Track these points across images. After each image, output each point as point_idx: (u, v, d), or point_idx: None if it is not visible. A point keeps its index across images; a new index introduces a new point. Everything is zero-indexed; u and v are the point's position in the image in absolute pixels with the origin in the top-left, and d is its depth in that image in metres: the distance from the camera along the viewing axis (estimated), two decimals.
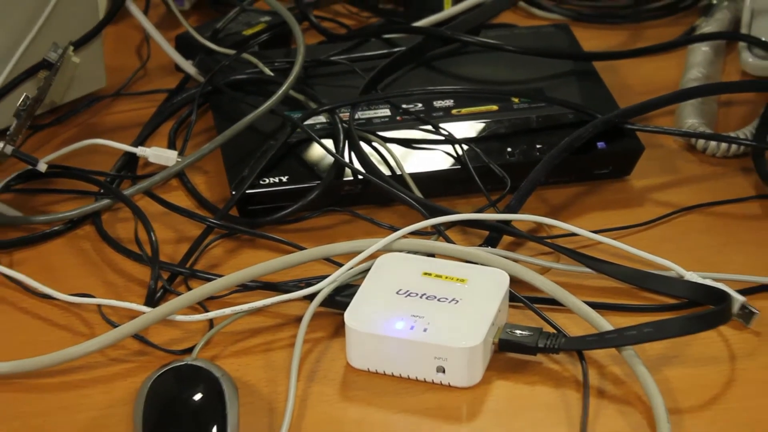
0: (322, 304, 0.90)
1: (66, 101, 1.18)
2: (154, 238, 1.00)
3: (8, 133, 1.06)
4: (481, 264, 0.91)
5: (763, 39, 1.19)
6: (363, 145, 1.04)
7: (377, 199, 1.03)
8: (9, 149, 1.05)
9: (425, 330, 0.83)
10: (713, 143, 1.11)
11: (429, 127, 1.07)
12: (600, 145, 1.04)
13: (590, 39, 1.25)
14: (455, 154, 1.05)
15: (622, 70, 1.22)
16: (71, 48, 1.11)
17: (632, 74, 1.22)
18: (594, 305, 0.89)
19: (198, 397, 0.83)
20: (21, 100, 1.07)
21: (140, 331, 0.90)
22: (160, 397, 0.83)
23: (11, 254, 1.03)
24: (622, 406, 0.83)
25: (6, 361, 0.89)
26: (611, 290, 0.95)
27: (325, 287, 0.90)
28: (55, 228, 1.05)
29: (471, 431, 0.84)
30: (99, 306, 0.94)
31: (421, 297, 0.86)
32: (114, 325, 0.91)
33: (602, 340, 0.85)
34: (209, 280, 0.95)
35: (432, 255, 0.93)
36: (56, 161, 1.10)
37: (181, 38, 1.24)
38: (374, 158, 1.04)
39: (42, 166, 1.05)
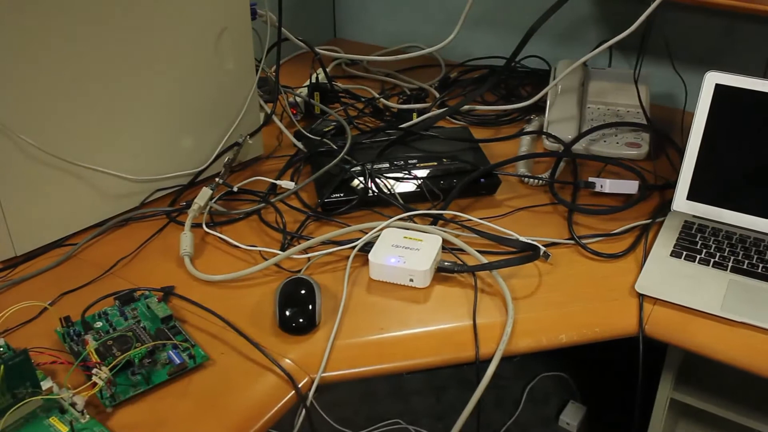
0: (360, 250, 1.00)
1: (245, 160, 1.25)
2: (284, 221, 1.10)
3: (221, 174, 1.15)
4: (428, 233, 0.99)
5: (552, 134, 1.25)
6: (377, 179, 1.13)
7: (383, 203, 1.11)
8: (220, 181, 1.14)
9: (404, 262, 0.94)
10: (532, 180, 1.17)
11: (406, 173, 1.14)
12: (481, 180, 1.12)
13: (477, 133, 1.28)
14: (417, 184, 1.12)
15: (491, 146, 1.27)
16: (248, 137, 1.20)
17: (496, 148, 1.26)
18: (478, 251, 0.99)
19: (303, 290, 0.92)
20: (227, 159, 1.18)
21: (278, 262, 1.01)
22: (286, 290, 0.93)
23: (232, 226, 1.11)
24: (491, 296, 0.93)
25: (220, 274, 1.00)
26: (486, 245, 1.02)
27: (360, 243, 1.00)
28: (240, 216, 1.12)
29: (425, 308, 0.92)
30: (260, 252, 1.04)
31: (402, 247, 0.96)
32: (265, 259, 1.01)
33: (482, 266, 0.96)
34: (307, 239, 1.03)
35: (407, 229, 1.01)
36: (242, 186, 1.17)
37: (297, 132, 1.29)
38: (381, 185, 1.12)
39: (235, 188, 1.16)
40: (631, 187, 1.10)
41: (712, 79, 1.02)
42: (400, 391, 1.80)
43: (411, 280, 0.94)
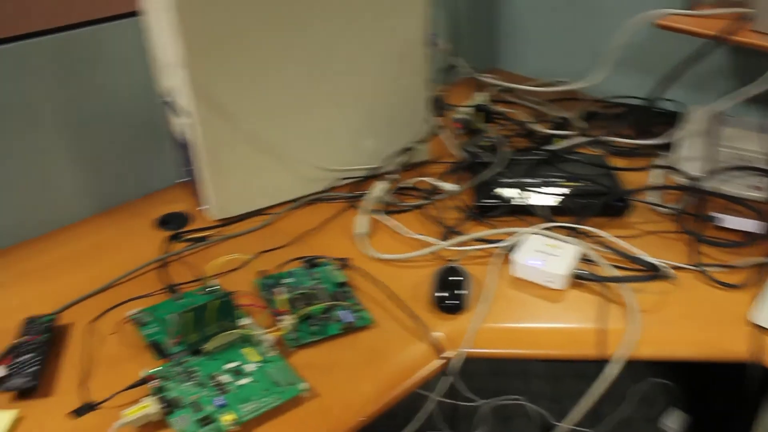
0: (506, 249, 0.98)
1: (414, 162, 1.24)
2: (444, 217, 1.10)
3: (394, 172, 1.18)
4: (568, 243, 0.97)
5: (683, 170, 1.16)
6: (525, 191, 1.10)
7: (529, 212, 1.08)
8: (393, 178, 1.16)
9: (545, 264, 0.93)
10: (661, 208, 1.10)
11: (551, 188, 1.10)
12: (616, 202, 1.07)
13: (613, 161, 1.22)
14: (559, 200, 1.09)
15: (624, 174, 1.19)
16: (418, 144, 1.22)
17: (628, 176, 1.18)
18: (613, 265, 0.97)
19: (456, 277, 0.92)
20: (400, 160, 1.20)
21: (437, 251, 1.02)
22: (442, 275, 0.93)
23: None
24: (618, 306, 0.90)
25: (389, 253, 1.02)
26: (616, 260, 0.98)
27: (507, 243, 1.00)
28: (408, 208, 1.13)
29: (558, 307, 0.90)
30: (422, 240, 1.04)
31: (544, 252, 0.95)
32: (425, 247, 1.03)
33: (613, 278, 0.93)
34: (462, 235, 1.03)
35: (549, 237, 0.99)
36: (411, 184, 1.18)
37: (459, 144, 1.29)
38: (529, 196, 1.09)
39: (405, 185, 1.18)
40: (753, 225, 1.05)
41: None
42: (524, 373, 1.78)
43: (549, 282, 0.94)
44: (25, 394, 0.81)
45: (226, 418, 0.74)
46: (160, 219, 1.14)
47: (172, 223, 1.13)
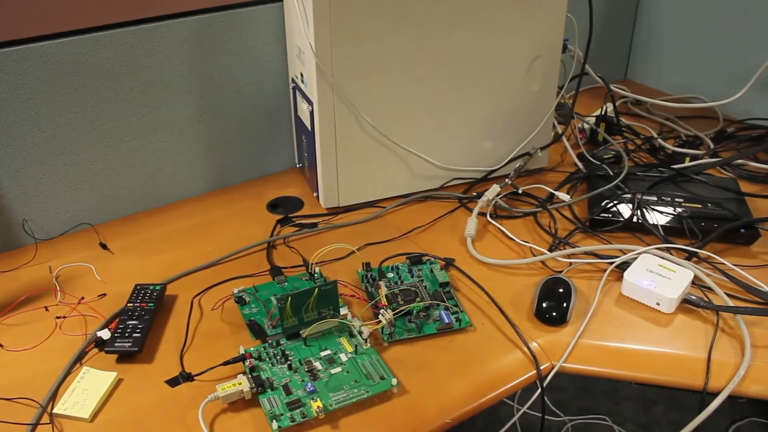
0: (617, 266, 0.97)
1: (531, 168, 1.25)
2: (555, 226, 1.08)
3: (510, 176, 1.16)
4: (682, 266, 0.94)
5: None
6: (643, 208, 1.07)
7: (644, 231, 1.05)
8: (508, 182, 1.15)
9: (655, 286, 0.91)
10: None
11: (671, 208, 1.07)
12: (742, 230, 1.02)
13: (745, 187, 1.17)
14: (679, 221, 1.05)
15: (756, 201, 1.13)
16: (539, 150, 1.21)
17: (760, 204, 1.13)
18: (726, 294, 0.92)
19: (561, 289, 0.91)
20: (517, 165, 1.19)
21: (544, 260, 1.01)
22: (547, 285, 0.92)
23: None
24: (730, 338, 0.86)
25: (494, 258, 1.01)
26: (734, 290, 0.94)
27: (619, 260, 0.97)
28: (520, 214, 1.12)
29: (665, 331, 0.87)
30: (531, 248, 1.04)
31: (656, 273, 0.92)
32: (533, 255, 1.01)
33: (728, 308, 0.89)
34: (572, 246, 1.01)
35: (663, 258, 0.96)
36: (525, 190, 1.17)
37: (580, 154, 1.27)
38: (647, 214, 1.06)
39: (520, 191, 1.17)
40: None
41: None
42: (613, 393, 1.73)
43: (657, 304, 0.91)
44: (126, 357, 0.85)
45: (315, 405, 0.75)
46: (271, 202, 1.17)
47: (283, 207, 1.16)
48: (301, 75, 1.09)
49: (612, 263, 0.98)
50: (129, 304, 0.91)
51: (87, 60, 1.01)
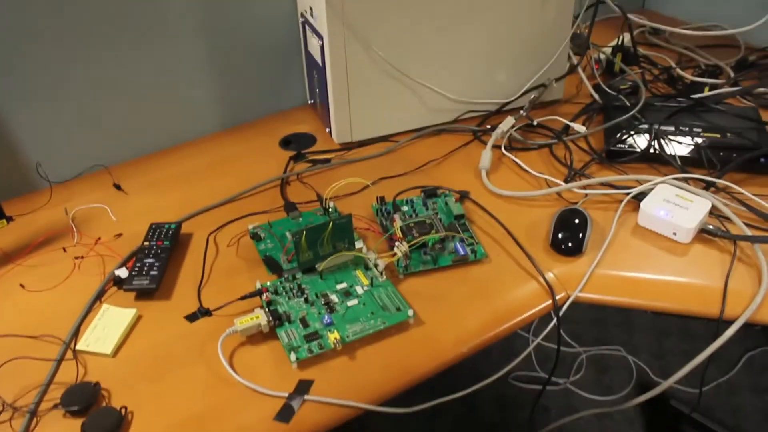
0: (633, 197, 0.96)
1: (546, 100, 1.23)
2: (571, 158, 1.07)
3: (525, 108, 1.16)
4: (699, 196, 0.93)
5: None
6: (661, 139, 1.06)
7: (662, 161, 1.04)
8: (523, 114, 1.14)
9: (672, 216, 0.90)
10: None
11: (689, 138, 1.05)
12: (762, 159, 1.01)
13: (766, 116, 1.15)
14: (697, 150, 1.03)
15: None
16: (554, 81, 1.19)
17: None
18: (744, 223, 0.91)
19: (577, 219, 0.91)
20: (532, 97, 1.18)
21: (560, 191, 1.00)
22: (563, 216, 0.92)
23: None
24: (747, 266, 0.85)
25: (509, 190, 1.00)
26: (752, 219, 0.92)
27: (635, 191, 0.96)
28: (535, 146, 1.11)
29: (681, 261, 0.87)
30: (546, 179, 1.03)
31: (673, 203, 0.92)
32: (549, 187, 1.00)
33: (745, 237, 0.88)
34: (588, 178, 1.00)
35: (680, 188, 0.95)
36: (540, 122, 1.16)
37: (596, 85, 1.25)
38: (664, 145, 1.05)
39: (535, 122, 1.16)
40: None
41: None
42: (628, 325, 1.75)
43: (674, 234, 0.90)
44: (145, 295, 0.86)
45: (332, 336, 0.77)
46: (284, 139, 1.17)
47: (296, 143, 1.16)
48: (311, 9, 1.07)
49: (628, 194, 0.97)
50: (145, 243, 0.92)
51: None
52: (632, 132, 1.09)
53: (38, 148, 1.06)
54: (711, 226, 0.91)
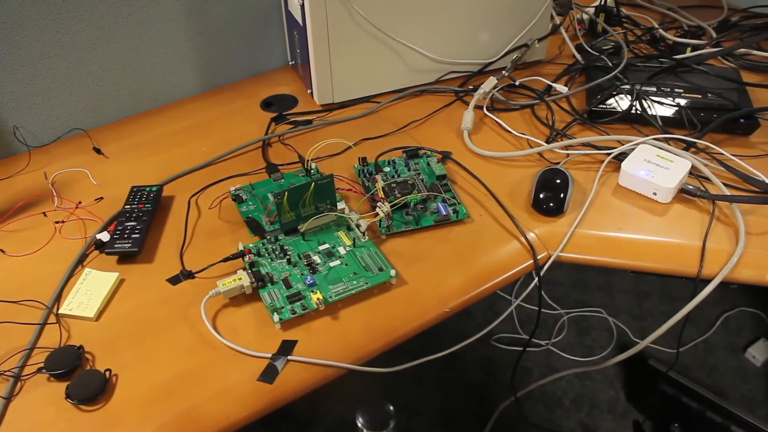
0: (614, 157, 0.97)
1: (528, 61, 1.23)
2: (553, 118, 1.07)
3: (507, 68, 1.15)
4: (680, 156, 0.94)
5: None
6: (642, 99, 1.07)
7: (643, 122, 1.05)
8: (505, 74, 1.14)
9: (653, 176, 0.91)
10: None
11: (670, 99, 1.06)
12: (742, 120, 1.01)
13: (747, 77, 1.16)
14: (678, 111, 1.04)
15: (757, 92, 1.11)
16: (536, 41, 1.19)
17: (761, 94, 1.11)
18: (723, 183, 0.92)
19: (558, 180, 0.91)
20: (514, 57, 1.18)
21: (542, 152, 1.00)
22: (544, 176, 0.93)
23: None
24: (725, 226, 0.86)
25: (491, 150, 1.01)
26: (731, 180, 0.93)
27: (616, 151, 0.97)
28: (517, 107, 1.11)
29: (661, 220, 0.88)
30: (528, 140, 1.03)
31: (653, 164, 0.92)
32: (531, 147, 1.00)
33: (723, 196, 0.89)
34: (570, 138, 1.01)
35: (661, 149, 0.96)
36: (523, 83, 1.16)
37: (578, 45, 1.27)
38: (645, 105, 1.06)
39: (517, 83, 1.16)
40: None
41: None
42: (608, 287, 1.77)
43: (654, 194, 0.91)
44: (127, 258, 0.86)
45: (315, 297, 0.77)
46: (265, 100, 1.17)
47: (277, 105, 1.15)
48: None
49: (609, 154, 0.98)
50: (126, 206, 0.91)
51: None
52: (614, 93, 1.09)
53: (15, 112, 1.05)
54: (691, 186, 0.91)
